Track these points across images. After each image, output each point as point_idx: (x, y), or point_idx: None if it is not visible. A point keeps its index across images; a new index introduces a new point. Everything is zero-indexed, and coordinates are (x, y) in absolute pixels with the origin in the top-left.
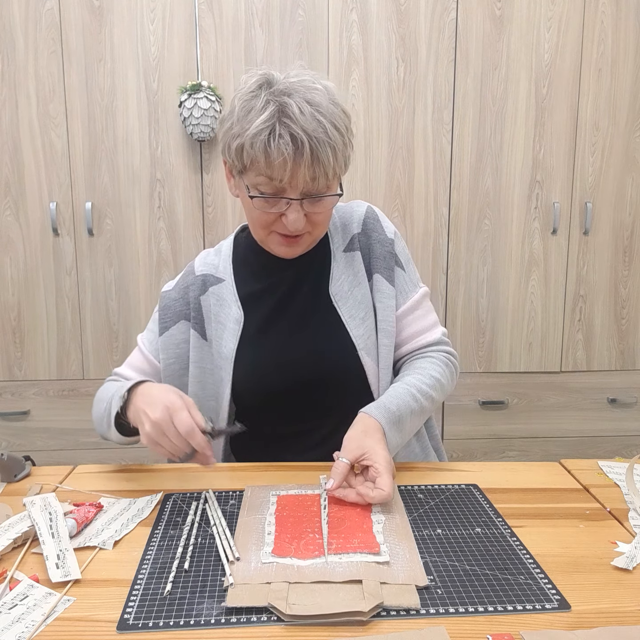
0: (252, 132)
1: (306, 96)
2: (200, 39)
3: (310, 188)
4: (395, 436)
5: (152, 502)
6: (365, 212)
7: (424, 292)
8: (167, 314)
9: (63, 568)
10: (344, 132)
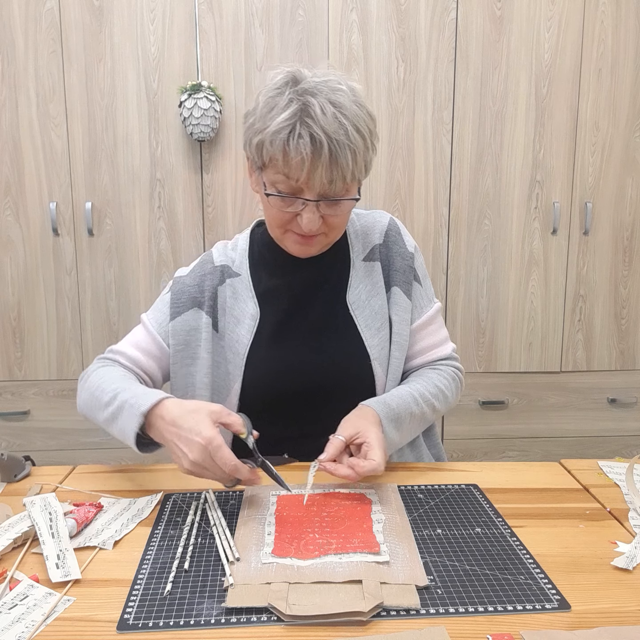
0: (273, 130)
1: (330, 97)
2: (200, 39)
3: (327, 190)
4: (392, 432)
5: (152, 502)
6: (388, 224)
7: (437, 308)
8: (180, 298)
9: (63, 568)
10: (367, 135)
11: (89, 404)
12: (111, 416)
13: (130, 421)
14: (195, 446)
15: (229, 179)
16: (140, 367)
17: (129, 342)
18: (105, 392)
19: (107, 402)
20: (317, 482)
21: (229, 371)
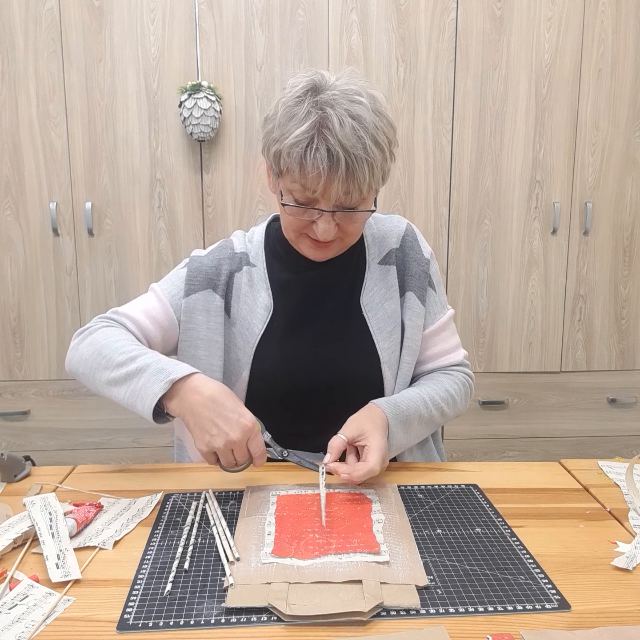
0: (290, 142)
1: (349, 108)
2: (200, 39)
3: (344, 201)
4: (399, 433)
5: (152, 502)
6: (405, 229)
7: (450, 314)
8: (197, 276)
9: (63, 568)
10: (386, 146)
11: (89, 361)
12: (124, 377)
13: (153, 386)
14: (240, 427)
15: (229, 179)
16: (146, 335)
17: (137, 308)
18: (118, 351)
19: (121, 363)
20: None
21: (239, 357)
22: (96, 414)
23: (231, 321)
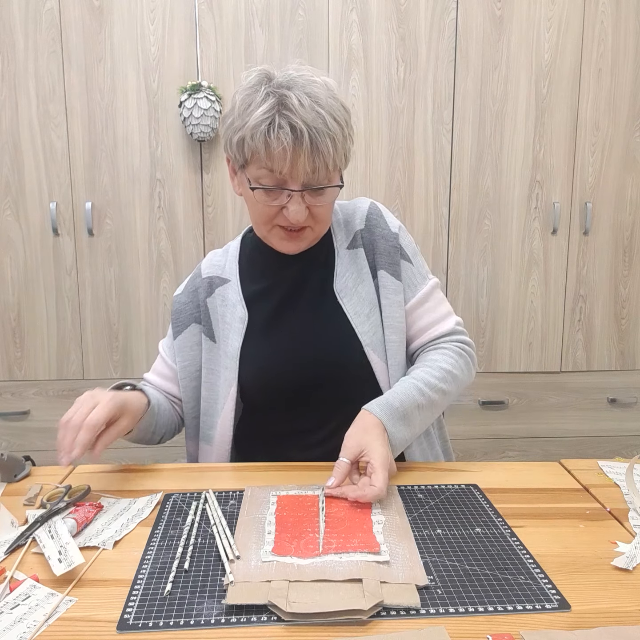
0: (252, 124)
1: (305, 89)
2: (200, 39)
3: (311, 179)
4: (400, 431)
5: (152, 502)
6: (368, 208)
7: (433, 284)
8: (179, 317)
9: (65, 560)
10: (344, 125)
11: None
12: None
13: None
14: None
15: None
16: (164, 390)
17: (152, 371)
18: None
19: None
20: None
21: (226, 377)
22: None
23: (217, 345)
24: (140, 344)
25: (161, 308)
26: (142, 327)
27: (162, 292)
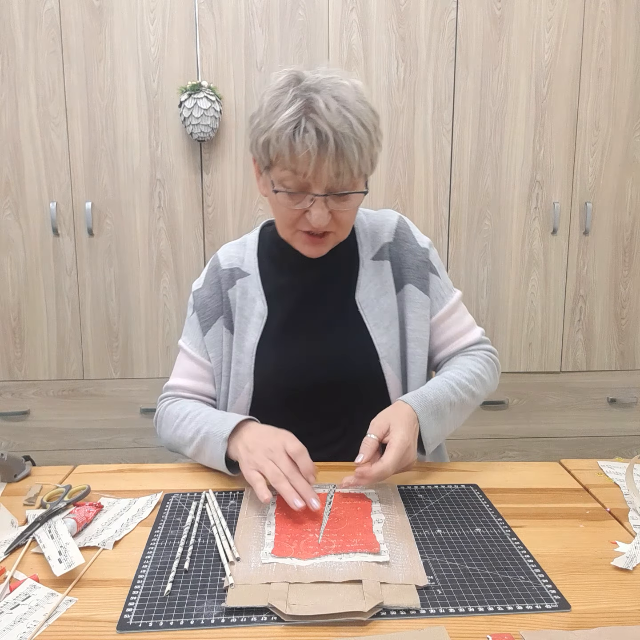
0: (278, 126)
1: (333, 92)
2: (200, 39)
3: (335, 184)
4: (433, 424)
5: (152, 502)
6: (397, 222)
7: (459, 296)
8: (205, 312)
9: (66, 560)
10: (371, 130)
11: (174, 442)
12: (197, 449)
13: (216, 450)
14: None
15: (229, 179)
16: (200, 393)
17: (179, 375)
18: (187, 429)
19: (191, 438)
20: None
21: (239, 372)
22: (96, 414)
23: (233, 337)
24: (140, 344)
25: (161, 308)
26: (142, 327)
27: (162, 292)
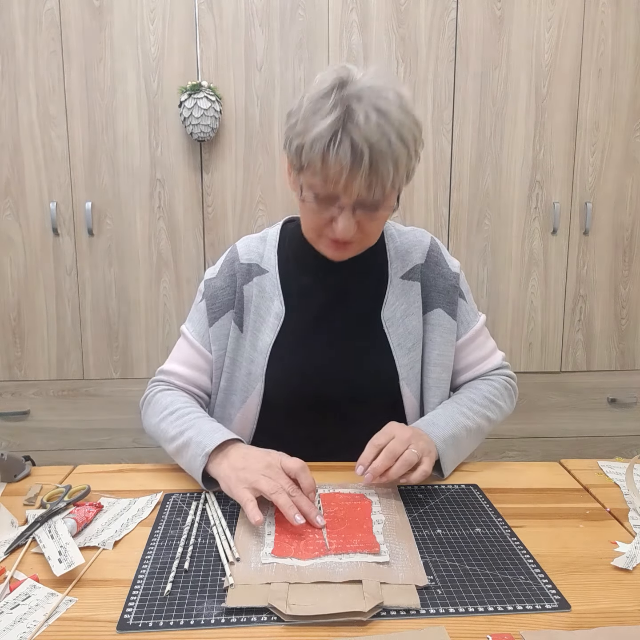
0: (314, 135)
1: (376, 103)
2: (200, 39)
3: (365, 197)
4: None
5: (152, 502)
6: (429, 244)
7: (483, 320)
8: (215, 303)
9: (66, 560)
10: (411, 143)
11: (156, 433)
12: (176, 450)
13: (195, 461)
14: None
15: (229, 179)
16: (194, 384)
17: (177, 361)
18: (172, 425)
19: (173, 437)
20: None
21: (251, 371)
22: (96, 414)
23: (243, 335)
24: (140, 344)
25: (161, 308)
26: (142, 327)
27: (162, 292)
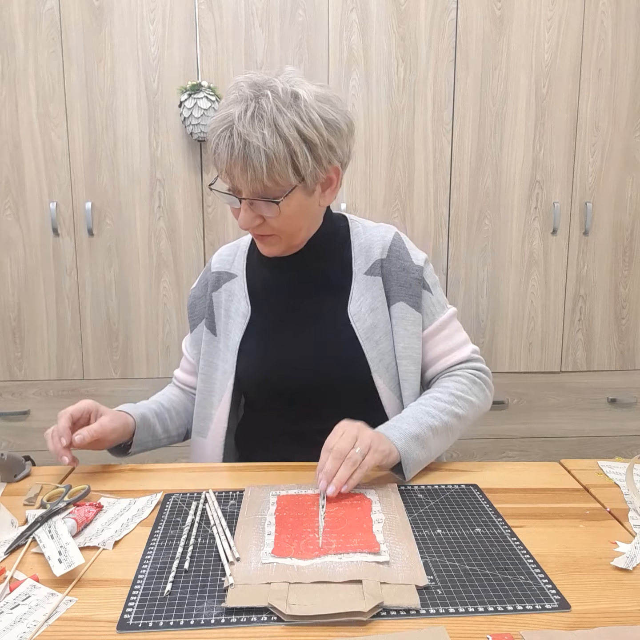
0: (213, 126)
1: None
2: (200, 39)
3: (259, 191)
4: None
5: (152, 502)
6: (392, 239)
7: (451, 313)
8: (193, 312)
9: (65, 560)
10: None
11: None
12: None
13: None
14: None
15: None
16: (190, 385)
17: (180, 367)
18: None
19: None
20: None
21: (225, 370)
22: None
23: (217, 338)
24: (140, 344)
25: (161, 308)
26: (142, 327)
27: (162, 292)
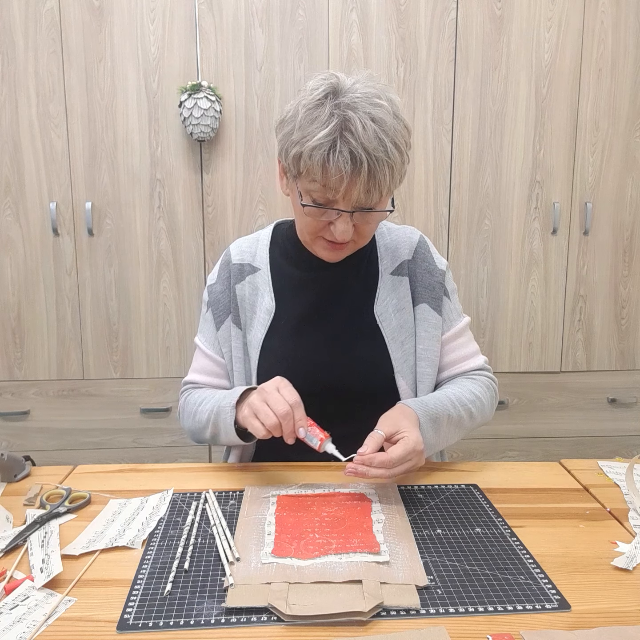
0: (313, 145)
1: (371, 112)
2: (200, 39)
3: (363, 203)
4: (430, 432)
5: (165, 499)
6: (418, 241)
7: (467, 322)
8: (218, 307)
9: (47, 569)
10: (404, 149)
11: (197, 430)
12: (214, 427)
13: (226, 421)
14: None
15: (229, 179)
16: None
17: (196, 371)
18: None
19: (207, 419)
20: (317, 482)
21: (250, 367)
22: (96, 414)
23: (242, 332)
24: (140, 344)
25: (161, 308)
26: (142, 327)
27: (162, 292)
